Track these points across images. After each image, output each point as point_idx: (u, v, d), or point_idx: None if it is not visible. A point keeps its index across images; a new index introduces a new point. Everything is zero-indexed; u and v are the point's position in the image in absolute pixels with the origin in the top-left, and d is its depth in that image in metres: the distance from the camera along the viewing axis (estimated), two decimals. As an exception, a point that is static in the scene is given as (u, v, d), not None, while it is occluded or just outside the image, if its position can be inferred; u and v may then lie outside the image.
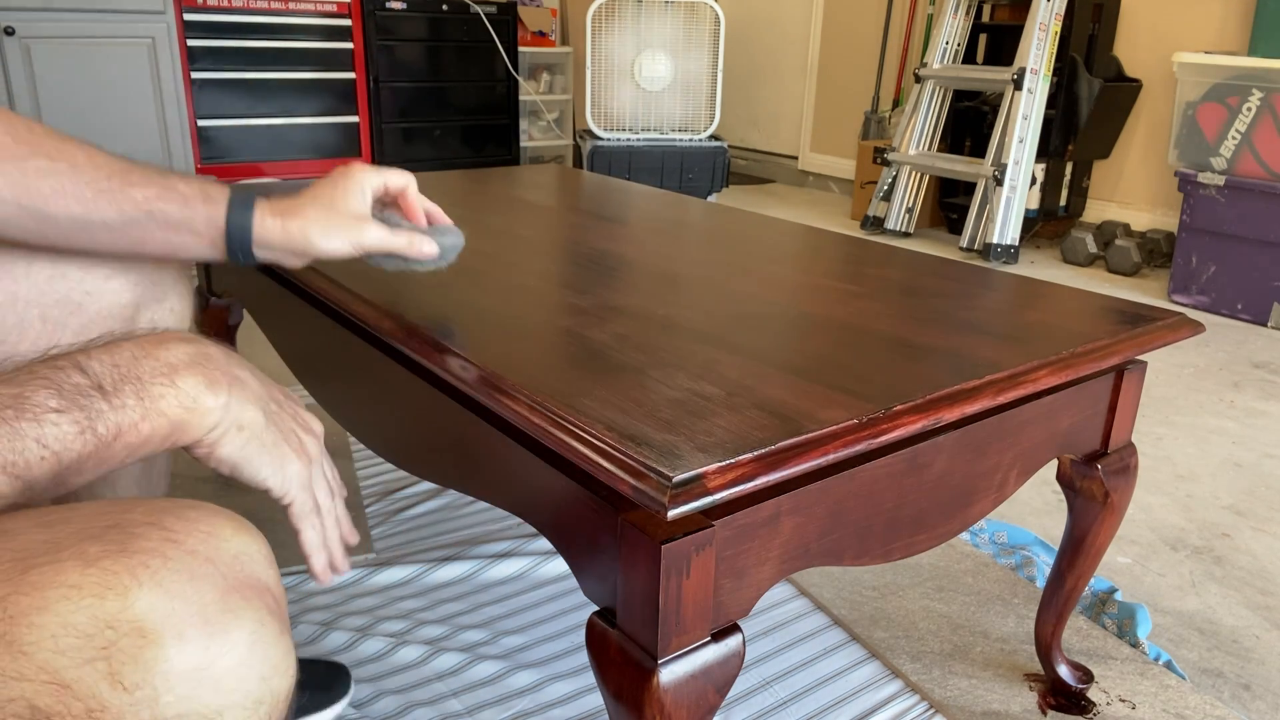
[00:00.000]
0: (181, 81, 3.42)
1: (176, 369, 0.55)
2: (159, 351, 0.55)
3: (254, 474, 0.60)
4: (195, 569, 0.45)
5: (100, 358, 0.53)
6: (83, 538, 0.44)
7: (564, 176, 1.63)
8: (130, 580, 0.43)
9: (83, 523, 0.45)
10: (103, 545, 0.43)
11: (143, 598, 0.42)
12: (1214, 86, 2.69)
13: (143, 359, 0.54)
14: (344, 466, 1.58)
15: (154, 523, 0.46)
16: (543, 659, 1.10)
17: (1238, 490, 1.64)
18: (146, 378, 0.53)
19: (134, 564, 0.43)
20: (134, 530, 0.45)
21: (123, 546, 0.44)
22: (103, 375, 0.52)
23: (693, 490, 0.53)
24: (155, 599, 0.43)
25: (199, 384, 0.55)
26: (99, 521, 0.45)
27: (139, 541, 0.44)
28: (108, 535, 0.44)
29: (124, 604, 0.42)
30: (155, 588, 0.43)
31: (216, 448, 0.57)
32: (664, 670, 0.58)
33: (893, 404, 0.65)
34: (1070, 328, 0.85)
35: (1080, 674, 1.08)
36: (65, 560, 0.42)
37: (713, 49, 3.76)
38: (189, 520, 0.47)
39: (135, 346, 0.54)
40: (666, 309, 0.86)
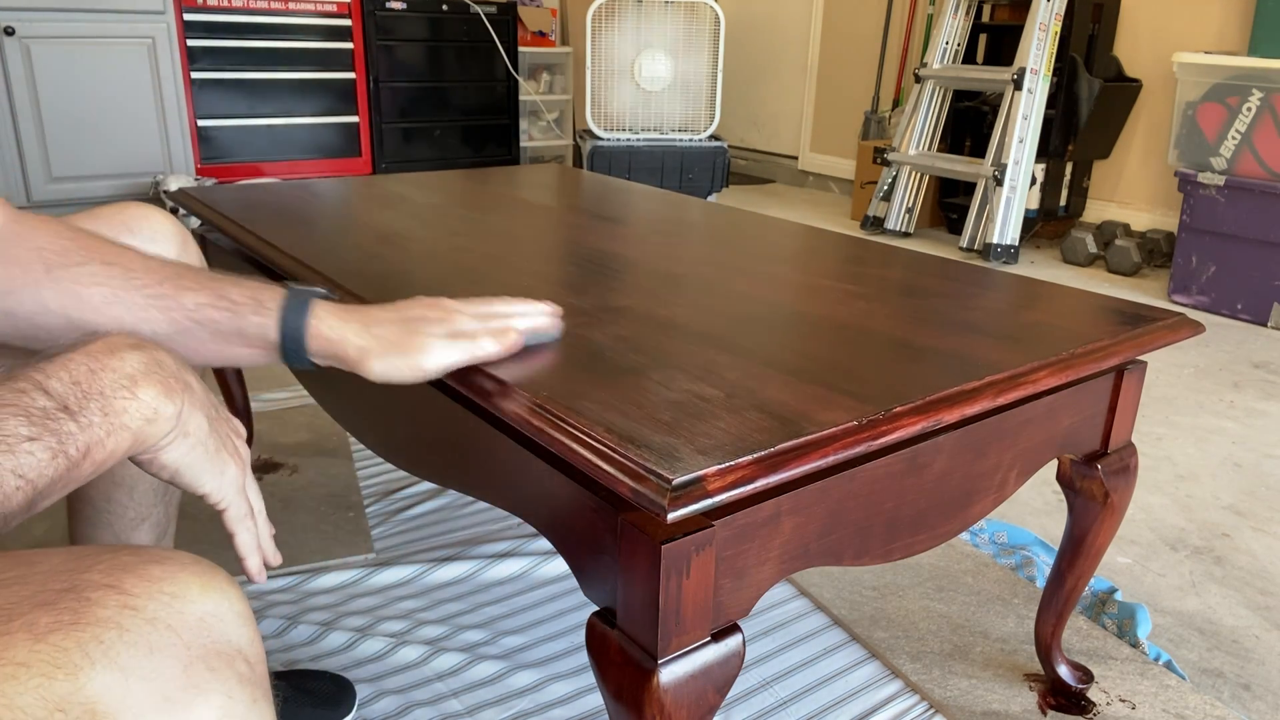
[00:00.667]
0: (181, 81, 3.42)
1: (135, 380, 0.53)
2: (113, 362, 0.53)
3: (194, 479, 0.59)
4: (154, 641, 0.41)
5: (58, 375, 0.51)
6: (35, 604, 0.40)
7: (564, 176, 1.63)
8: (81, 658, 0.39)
9: (38, 584, 0.42)
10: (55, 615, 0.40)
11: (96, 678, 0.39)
12: (1214, 86, 2.69)
13: (100, 372, 0.52)
14: (344, 466, 1.58)
15: (112, 585, 0.42)
16: (543, 659, 1.10)
17: (1238, 490, 1.64)
18: (109, 392, 0.52)
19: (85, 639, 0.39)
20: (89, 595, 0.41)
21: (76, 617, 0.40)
22: (66, 395, 0.50)
23: (692, 493, 0.53)
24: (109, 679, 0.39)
25: (157, 393, 0.54)
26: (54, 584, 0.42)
27: (94, 610, 0.41)
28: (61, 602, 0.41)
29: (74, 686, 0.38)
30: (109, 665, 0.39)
31: (160, 454, 0.56)
32: (664, 670, 0.58)
33: (892, 405, 0.65)
34: (1070, 328, 0.85)
35: (1080, 674, 1.08)
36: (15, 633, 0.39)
37: (713, 49, 3.76)
38: (151, 580, 0.43)
39: (87, 358, 0.52)
40: (666, 310, 0.86)
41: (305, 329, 0.66)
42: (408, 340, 0.66)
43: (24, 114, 3.15)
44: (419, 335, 0.67)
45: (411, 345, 0.66)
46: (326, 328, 0.66)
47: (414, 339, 0.66)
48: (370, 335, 0.66)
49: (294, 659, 1.09)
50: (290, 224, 1.15)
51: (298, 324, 0.66)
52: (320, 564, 1.29)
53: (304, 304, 0.66)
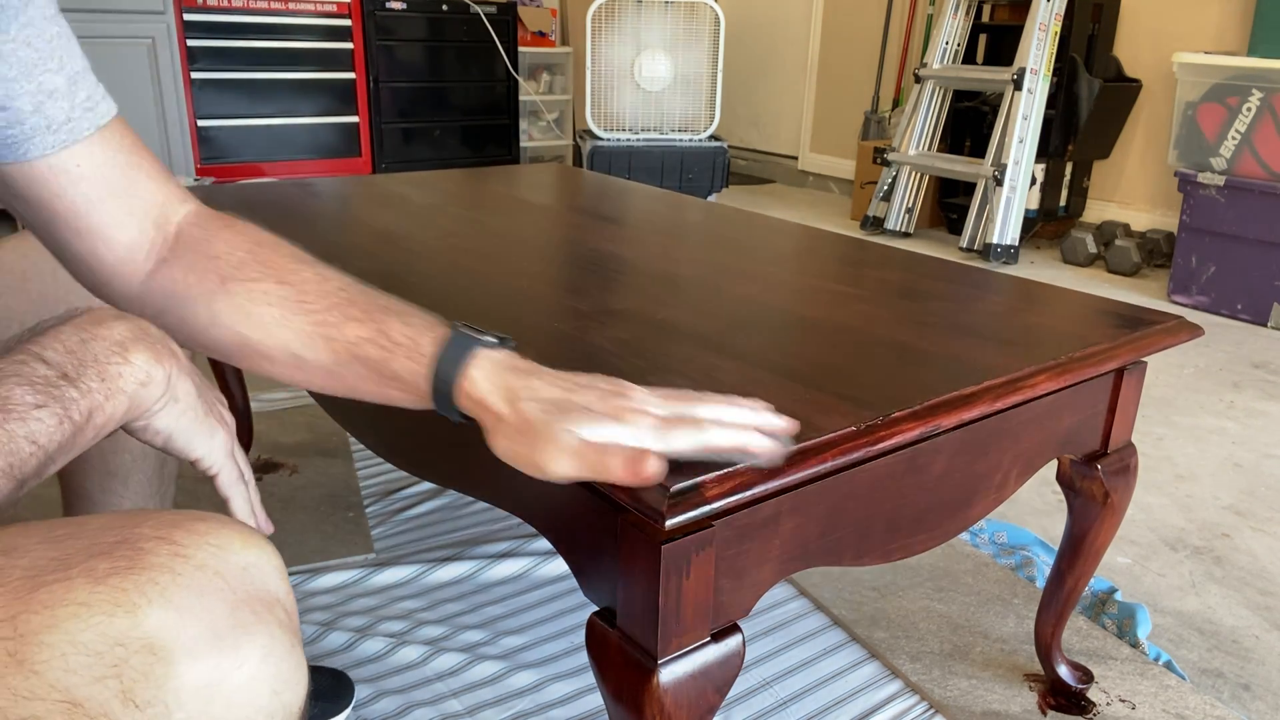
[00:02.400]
0: (181, 81, 3.42)
1: (125, 345, 0.55)
2: (101, 330, 0.54)
3: (186, 444, 0.60)
4: (204, 584, 0.45)
5: (53, 346, 0.52)
6: (91, 554, 0.44)
7: (564, 176, 1.63)
8: (139, 597, 0.42)
9: (91, 538, 0.45)
10: (111, 562, 0.43)
11: (152, 615, 0.42)
12: (1214, 87, 2.69)
13: (90, 341, 0.54)
14: (344, 466, 1.58)
15: (163, 537, 0.45)
16: (543, 659, 1.10)
17: (1238, 490, 1.64)
18: (103, 358, 0.53)
19: (143, 580, 0.43)
20: (142, 545, 0.45)
21: (131, 563, 0.43)
22: (64, 363, 0.52)
23: (690, 500, 0.53)
24: (165, 616, 0.42)
25: (148, 358, 0.55)
26: (107, 537, 0.45)
27: (147, 557, 0.44)
28: (116, 551, 0.44)
29: (133, 621, 0.42)
30: (164, 604, 0.43)
31: (154, 419, 0.58)
32: (664, 670, 0.58)
33: (891, 411, 0.65)
34: (1068, 332, 0.85)
35: (1080, 674, 1.08)
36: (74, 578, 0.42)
37: (713, 49, 3.76)
38: (197, 534, 0.46)
39: (76, 329, 0.54)
40: (666, 312, 0.86)
41: (454, 385, 0.59)
42: (541, 434, 0.56)
43: (24, 114, 3.15)
44: (557, 430, 0.56)
45: (540, 440, 0.56)
46: (474, 386, 0.58)
47: (548, 434, 0.56)
48: (511, 408, 0.57)
49: (294, 659, 1.09)
50: (290, 224, 1.15)
51: (448, 378, 0.59)
52: (320, 564, 1.29)
53: (460, 355, 0.59)
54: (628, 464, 0.54)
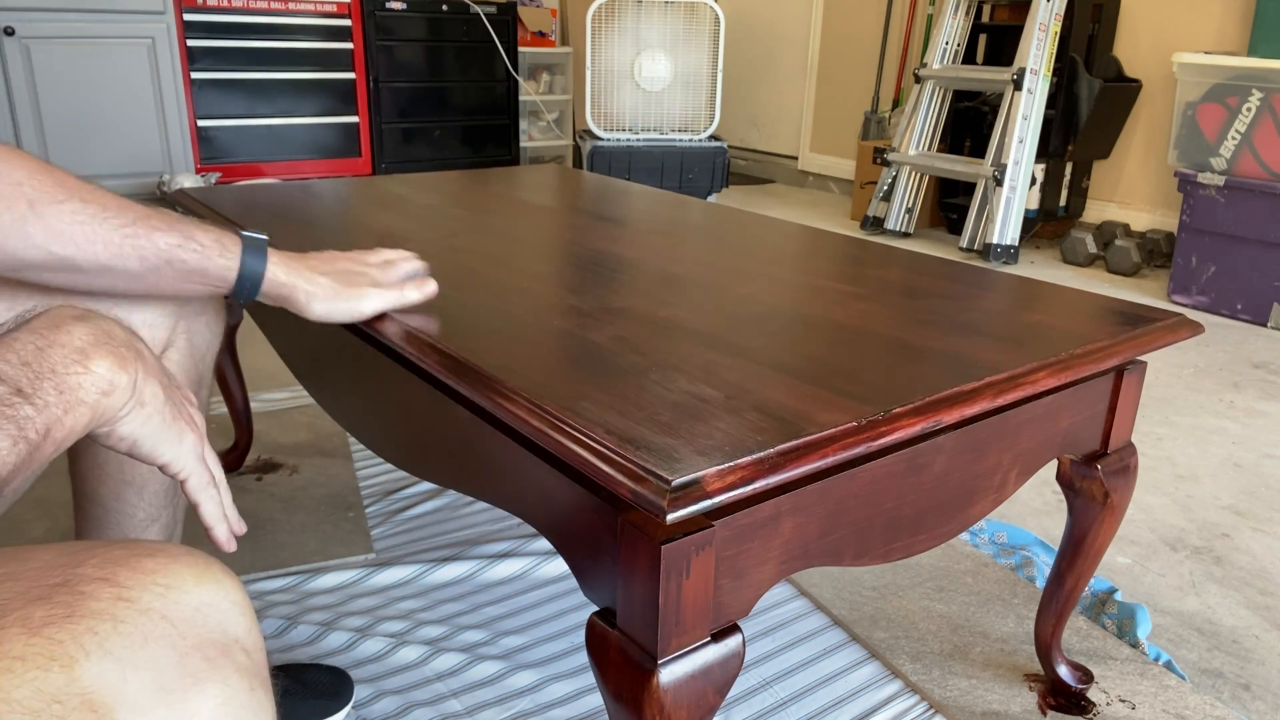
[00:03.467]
0: (181, 81, 3.42)
1: (86, 352, 0.53)
2: (60, 337, 0.52)
3: (152, 450, 0.59)
4: (149, 631, 0.41)
5: (6, 358, 0.50)
6: (29, 599, 0.40)
7: (564, 176, 1.63)
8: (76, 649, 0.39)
9: (31, 580, 0.42)
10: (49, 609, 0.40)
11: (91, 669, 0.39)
12: (1214, 87, 2.69)
13: (47, 349, 0.51)
14: (344, 466, 1.58)
15: (106, 578, 0.42)
16: (542, 659, 1.10)
17: (1238, 490, 1.64)
18: (60, 368, 0.51)
19: (80, 630, 0.40)
20: (83, 589, 0.41)
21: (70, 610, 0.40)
22: (18, 378, 0.49)
23: (691, 494, 0.53)
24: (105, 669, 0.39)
25: (110, 364, 0.54)
26: (48, 579, 0.42)
27: (87, 603, 0.41)
28: (55, 596, 0.41)
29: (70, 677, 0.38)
30: (104, 656, 0.39)
31: (119, 425, 0.56)
32: (664, 670, 0.58)
33: (892, 406, 0.65)
34: (1069, 329, 0.85)
35: (1080, 674, 1.08)
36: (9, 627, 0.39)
37: (713, 49, 3.76)
38: (144, 572, 0.43)
39: (33, 335, 0.52)
40: (666, 310, 0.86)
41: (262, 274, 0.75)
42: (346, 290, 0.79)
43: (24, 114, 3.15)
44: (354, 284, 0.79)
45: (349, 293, 0.79)
46: (280, 273, 0.76)
47: (350, 288, 0.79)
48: (315, 283, 0.77)
49: (294, 659, 1.09)
50: (290, 225, 1.15)
51: (256, 269, 0.75)
52: (320, 564, 1.29)
53: (261, 250, 0.75)
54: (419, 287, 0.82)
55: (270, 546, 1.33)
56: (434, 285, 0.84)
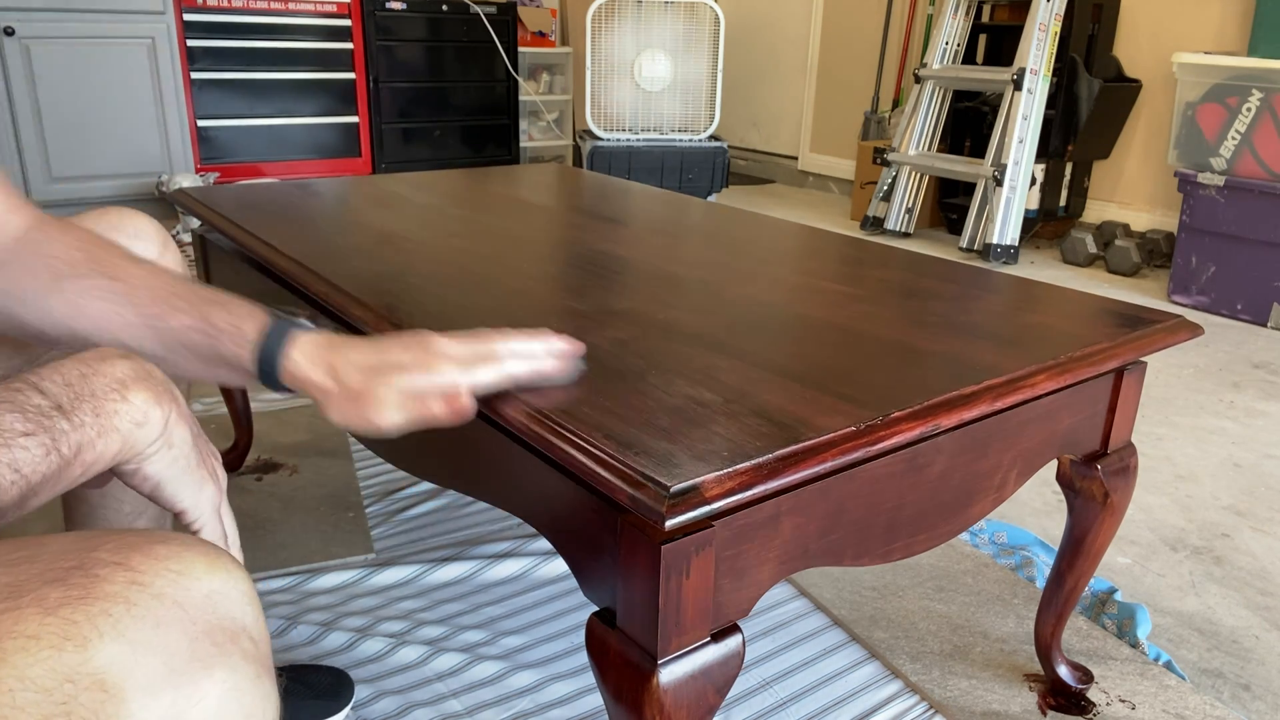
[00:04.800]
0: (181, 81, 3.42)
1: (126, 384, 0.54)
2: (104, 367, 0.54)
3: (173, 494, 0.59)
4: (161, 615, 0.42)
5: (52, 377, 0.52)
6: (45, 580, 0.42)
7: (564, 176, 1.63)
8: (90, 630, 0.40)
9: (47, 563, 0.43)
10: (64, 590, 0.41)
11: (104, 649, 0.40)
12: (1214, 87, 2.69)
13: (91, 376, 0.53)
14: (344, 466, 1.58)
15: (120, 562, 0.43)
16: (542, 659, 1.10)
17: (1238, 490, 1.64)
18: (100, 394, 0.53)
19: (95, 612, 0.41)
20: (98, 572, 0.42)
21: (85, 592, 0.41)
22: (59, 395, 0.51)
23: (690, 500, 0.53)
24: (117, 650, 0.40)
25: (147, 398, 0.55)
26: (63, 562, 0.43)
27: (102, 585, 0.42)
28: (70, 579, 0.42)
29: (83, 656, 0.39)
30: (117, 638, 0.40)
31: (145, 464, 0.56)
32: (664, 671, 0.58)
33: (890, 410, 0.65)
34: (1068, 331, 0.85)
35: (1080, 674, 1.08)
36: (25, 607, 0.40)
37: (713, 49, 3.76)
38: (157, 558, 0.44)
39: (80, 364, 0.54)
40: (665, 313, 0.86)
41: (277, 365, 0.67)
42: (365, 395, 0.65)
43: (24, 114, 3.15)
44: (379, 390, 0.65)
45: (367, 402, 0.65)
46: (296, 367, 0.67)
47: (371, 395, 0.65)
48: (334, 381, 0.66)
49: (294, 659, 1.09)
50: (290, 225, 1.15)
51: (271, 359, 0.67)
52: (320, 564, 1.29)
53: (280, 338, 0.67)
54: (446, 403, 0.64)
55: (270, 546, 1.33)
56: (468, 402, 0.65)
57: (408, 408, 0.65)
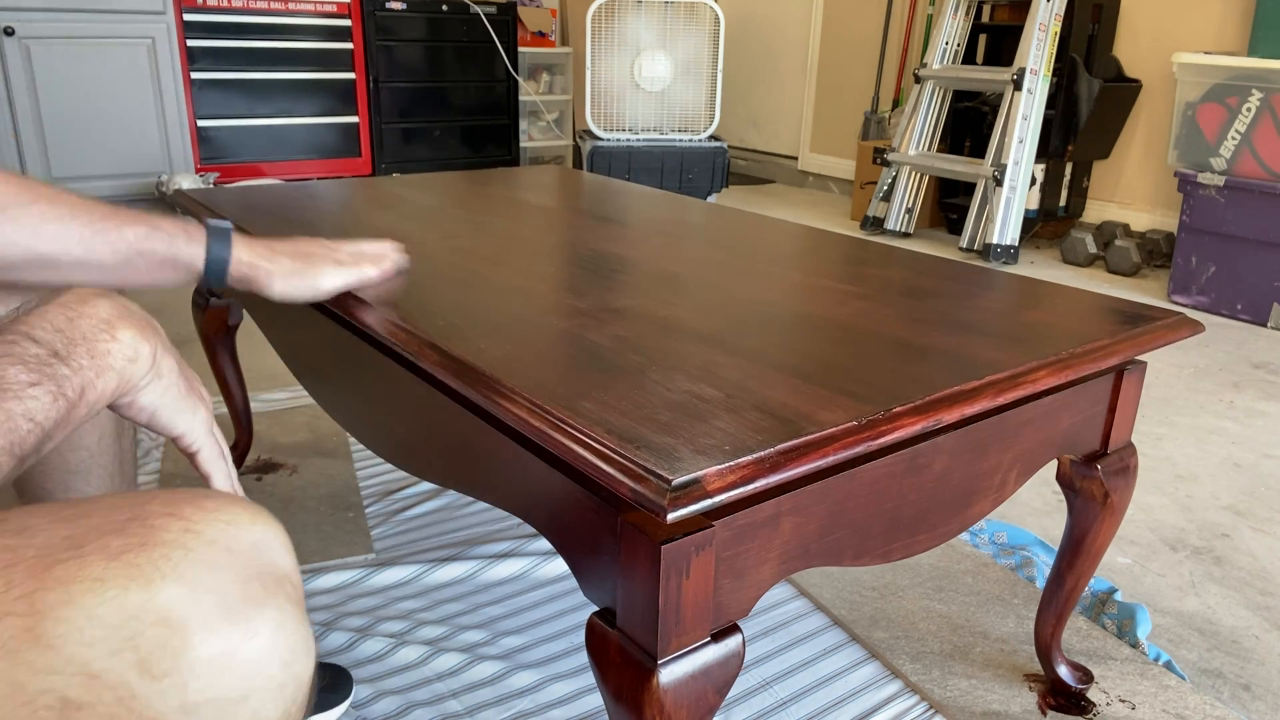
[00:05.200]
0: (181, 81, 3.42)
1: (112, 323, 0.57)
2: (86, 309, 0.57)
3: (169, 420, 0.62)
4: (216, 559, 0.46)
5: (41, 325, 0.54)
6: (104, 532, 0.45)
7: (564, 177, 1.63)
8: (153, 572, 0.44)
9: (102, 516, 0.46)
10: (124, 539, 0.44)
11: (166, 589, 0.43)
12: (1214, 87, 2.69)
13: (76, 319, 0.56)
14: (344, 466, 1.58)
15: (173, 514, 0.47)
16: (542, 659, 1.10)
17: (1237, 490, 1.64)
18: (91, 336, 0.56)
19: (156, 556, 0.44)
20: (153, 523, 0.46)
21: (144, 539, 0.45)
22: (53, 341, 0.54)
23: (692, 493, 0.53)
24: (178, 590, 0.44)
25: (134, 334, 0.58)
26: (118, 515, 0.46)
27: (160, 534, 0.45)
28: (128, 529, 0.45)
29: (148, 595, 0.43)
30: (178, 579, 0.44)
31: (140, 395, 0.60)
32: (664, 671, 0.58)
33: (892, 405, 0.65)
34: (1069, 328, 0.85)
35: (1080, 674, 1.08)
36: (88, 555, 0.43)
37: (712, 49, 3.76)
38: (207, 510, 0.48)
39: (63, 309, 0.56)
40: (666, 310, 0.86)
41: (228, 258, 0.78)
42: (306, 268, 0.82)
43: (24, 114, 3.15)
44: (316, 263, 0.83)
45: (309, 271, 0.82)
46: (244, 255, 0.79)
47: (311, 267, 0.82)
48: (276, 263, 0.81)
49: (294, 659, 1.09)
50: (290, 226, 1.15)
51: (222, 254, 0.78)
52: (320, 564, 1.29)
53: (225, 236, 0.79)
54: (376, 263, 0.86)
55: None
56: (393, 261, 0.87)
57: (345, 269, 0.84)
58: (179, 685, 0.43)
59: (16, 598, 0.41)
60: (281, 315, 1.10)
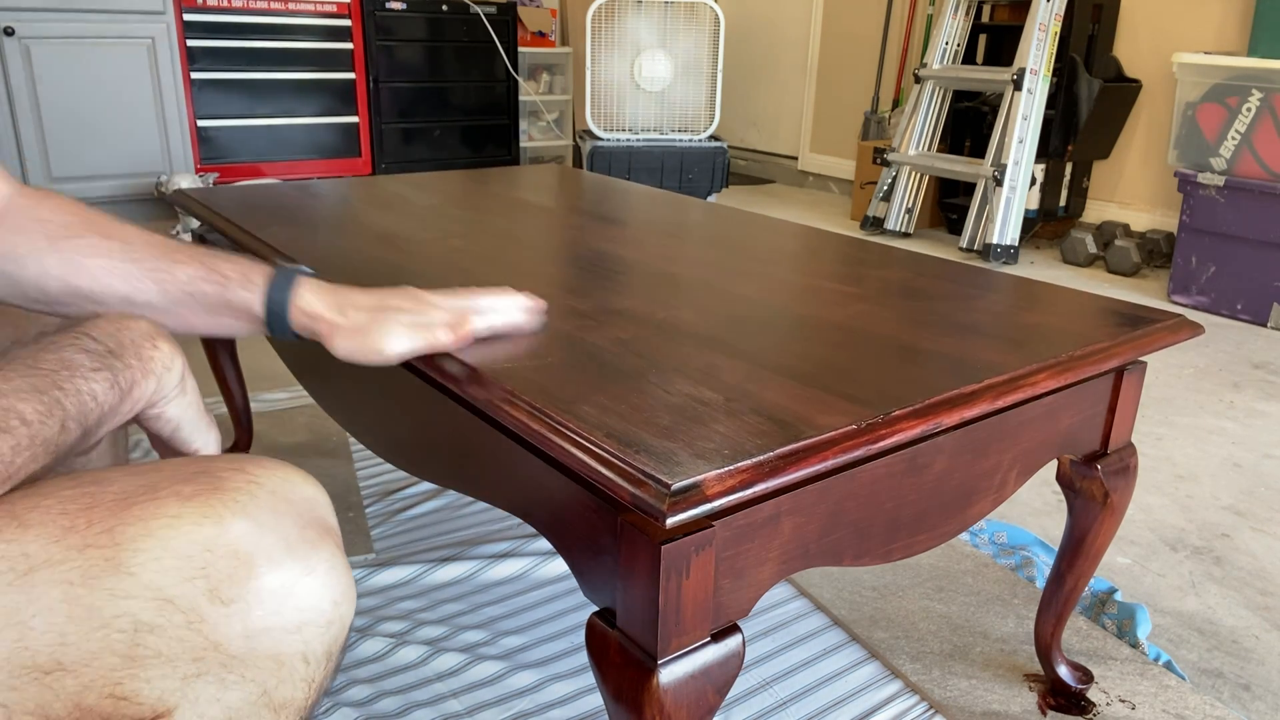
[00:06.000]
0: (181, 81, 3.42)
1: (152, 336, 0.62)
2: (129, 323, 0.62)
3: (191, 434, 0.66)
4: (277, 505, 0.52)
5: (93, 330, 0.59)
6: (176, 480, 0.50)
7: (564, 177, 1.63)
8: (224, 511, 0.49)
9: (172, 470, 0.52)
10: (195, 485, 0.50)
11: (236, 525, 0.49)
12: (1214, 87, 2.69)
13: (121, 330, 0.60)
14: (344, 466, 1.58)
15: (238, 469, 0.53)
16: (542, 659, 1.10)
17: (1237, 490, 1.64)
18: (137, 342, 0.60)
19: (226, 499, 0.50)
20: (220, 475, 0.51)
21: (214, 486, 0.50)
22: (107, 341, 0.59)
23: (691, 497, 0.53)
24: (247, 527, 0.49)
25: (172, 348, 0.63)
26: (188, 469, 0.52)
27: (227, 483, 0.51)
28: (198, 479, 0.51)
29: (220, 530, 0.48)
30: (246, 519, 0.50)
31: (168, 407, 0.63)
32: (664, 671, 0.58)
33: (891, 409, 0.65)
34: (1069, 330, 0.85)
35: (1080, 674, 1.08)
36: (164, 497, 0.49)
37: (712, 49, 3.76)
38: (267, 468, 0.54)
39: (109, 322, 0.61)
40: (666, 312, 0.86)
41: (288, 304, 0.71)
42: (373, 327, 0.71)
43: (24, 114, 3.15)
44: (385, 323, 0.71)
45: (375, 332, 0.71)
46: (305, 304, 0.71)
47: (379, 326, 0.71)
48: (342, 316, 0.71)
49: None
50: (290, 225, 1.15)
51: (281, 300, 0.71)
52: (320, 564, 1.29)
53: (288, 281, 0.72)
54: (450, 330, 0.71)
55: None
56: (470, 330, 0.72)
57: (415, 333, 0.71)
58: (243, 611, 0.48)
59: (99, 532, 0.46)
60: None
